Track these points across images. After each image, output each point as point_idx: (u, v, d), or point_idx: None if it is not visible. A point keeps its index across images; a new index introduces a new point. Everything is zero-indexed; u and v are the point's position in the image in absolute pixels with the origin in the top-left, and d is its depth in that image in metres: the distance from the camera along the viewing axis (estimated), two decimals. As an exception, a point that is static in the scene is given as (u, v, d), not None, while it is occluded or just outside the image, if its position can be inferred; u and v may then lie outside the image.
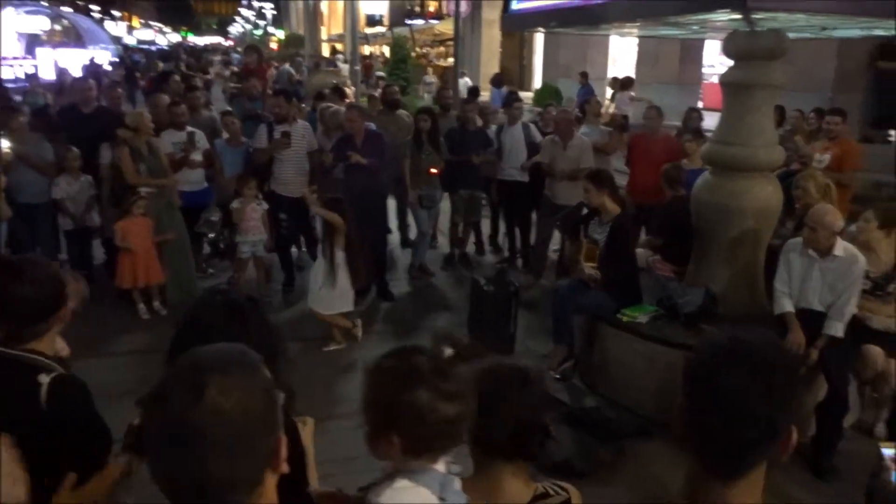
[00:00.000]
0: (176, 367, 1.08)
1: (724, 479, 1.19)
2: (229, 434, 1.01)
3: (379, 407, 1.50)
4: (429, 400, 1.45)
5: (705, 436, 1.20)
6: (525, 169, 7.28)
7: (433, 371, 1.49)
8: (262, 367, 1.12)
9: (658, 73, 14.53)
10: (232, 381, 1.04)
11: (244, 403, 1.03)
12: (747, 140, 4.72)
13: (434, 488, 1.48)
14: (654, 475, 4.01)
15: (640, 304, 4.89)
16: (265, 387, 1.09)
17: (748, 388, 1.16)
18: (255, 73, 8.44)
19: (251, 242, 6.42)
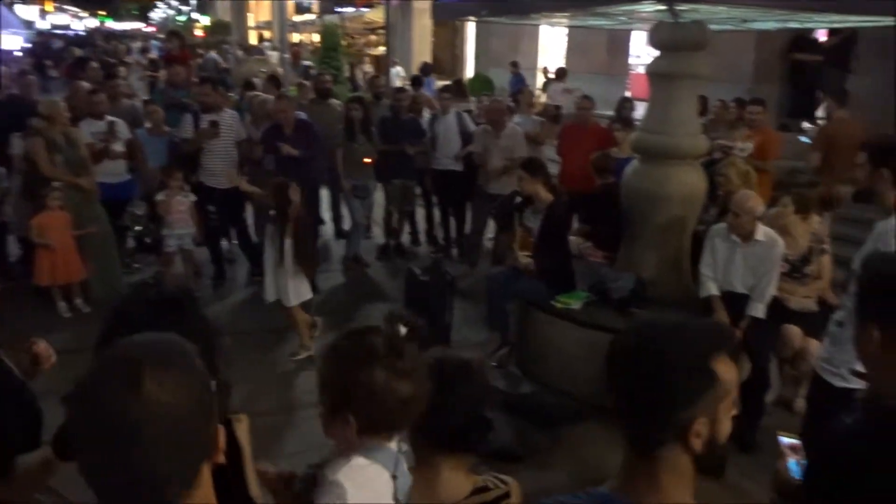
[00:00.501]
0: (106, 359, 1.03)
1: (648, 452, 1.23)
2: (168, 427, 0.98)
3: (335, 387, 1.50)
4: (384, 379, 1.46)
5: (624, 414, 1.26)
6: (458, 158, 7.30)
7: (388, 350, 1.49)
8: (196, 356, 1.08)
9: (587, 63, 14.76)
10: (169, 373, 1.00)
11: (182, 395, 1.00)
12: (672, 129, 4.85)
13: (389, 466, 1.49)
14: (588, 458, 4.10)
15: (573, 291, 4.98)
16: (201, 377, 1.06)
17: (645, 372, 1.22)
18: (178, 60, 8.13)
19: (178, 235, 6.22)
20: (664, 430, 1.21)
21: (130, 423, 0.96)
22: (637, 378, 1.22)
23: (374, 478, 1.48)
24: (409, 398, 1.48)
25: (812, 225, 4.76)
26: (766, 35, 9.76)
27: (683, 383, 1.20)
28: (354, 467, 1.47)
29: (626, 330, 1.30)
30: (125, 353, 1.02)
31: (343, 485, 1.44)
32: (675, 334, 1.24)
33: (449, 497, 1.69)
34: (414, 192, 7.67)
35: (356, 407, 1.47)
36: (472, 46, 21.54)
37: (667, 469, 1.22)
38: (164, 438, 0.98)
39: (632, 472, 1.25)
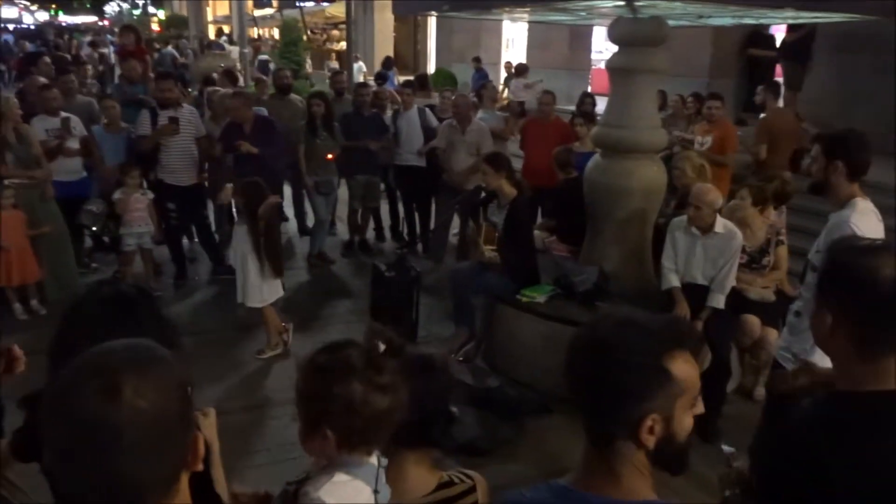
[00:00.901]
0: (81, 366, 1.00)
1: (607, 445, 1.25)
2: (147, 435, 0.96)
3: (313, 402, 1.50)
4: (362, 393, 1.46)
5: (581, 408, 1.28)
6: (422, 154, 7.28)
7: (366, 365, 1.49)
8: (174, 361, 1.06)
9: (548, 58, 14.84)
10: (148, 380, 0.98)
11: (161, 402, 0.98)
12: (632, 123, 4.91)
13: (370, 481, 1.49)
14: (554, 450, 4.14)
15: (538, 285, 5.01)
16: (180, 382, 1.04)
17: (595, 368, 1.25)
18: (134, 55, 7.94)
19: (136, 234, 6.12)
20: (616, 424, 1.22)
21: (108, 432, 0.94)
22: (590, 373, 1.24)
23: (355, 494, 1.47)
24: (387, 412, 1.49)
25: (769, 217, 4.87)
26: (723, 31, 9.96)
27: (634, 379, 1.21)
28: (336, 484, 1.47)
29: (585, 325, 1.32)
30: (102, 362, 1.00)
31: (325, 501, 1.44)
32: (629, 330, 1.25)
33: (414, 492, 1.69)
34: (378, 188, 7.64)
35: (334, 421, 1.47)
36: (434, 42, 21.51)
37: (623, 462, 1.24)
38: (143, 446, 0.96)
39: (591, 464, 1.26)
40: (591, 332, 1.28)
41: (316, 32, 26.22)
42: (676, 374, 1.22)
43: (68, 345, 1.78)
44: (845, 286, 1.50)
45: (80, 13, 60.25)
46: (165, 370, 1.03)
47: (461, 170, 6.81)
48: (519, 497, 1.30)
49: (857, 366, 1.49)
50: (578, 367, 1.27)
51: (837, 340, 1.52)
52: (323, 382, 1.49)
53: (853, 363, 1.50)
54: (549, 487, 1.28)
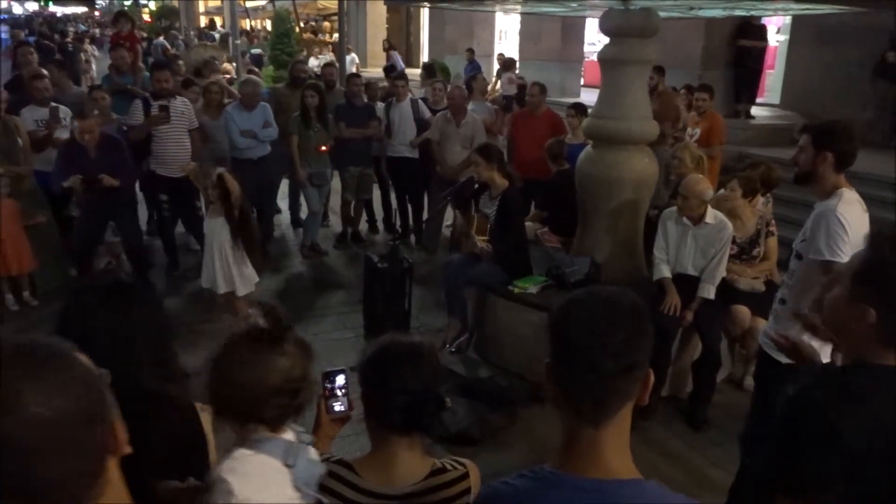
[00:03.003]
0: None
1: (593, 423, 1.24)
2: (53, 438, 0.92)
3: (207, 385, 1.55)
4: (228, 367, 1.51)
5: (569, 380, 1.25)
6: (414, 146, 7.29)
7: (241, 340, 1.52)
8: (76, 355, 1.02)
9: (541, 50, 14.83)
10: (47, 386, 0.93)
11: (64, 405, 0.93)
12: (624, 114, 4.93)
13: (276, 455, 1.49)
14: (543, 438, 4.18)
15: (530, 276, 5.04)
16: (85, 378, 0.99)
17: (596, 320, 1.23)
18: (125, 42, 7.87)
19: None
20: (624, 384, 1.24)
21: (9, 441, 0.89)
22: (585, 326, 1.23)
23: (258, 467, 1.47)
24: (267, 390, 1.49)
25: (756, 205, 4.91)
26: (715, 22, 9.97)
27: (638, 325, 1.25)
28: (235, 459, 1.48)
29: (562, 299, 1.31)
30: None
31: (226, 479, 1.43)
32: (618, 289, 1.29)
33: (406, 478, 1.71)
34: (371, 180, 7.64)
35: (215, 397, 1.54)
36: (427, 33, 21.45)
37: (609, 439, 1.25)
38: (52, 449, 0.92)
39: (573, 448, 1.27)
40: (584, 298, 1.28)
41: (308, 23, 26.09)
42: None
43: (69, 333, 1.81)
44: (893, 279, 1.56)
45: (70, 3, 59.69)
46: (67, 368, 0.99)
47: (455, 162, 6.82)
48: (503, 487, 1.30)
49: (876, 349, 1.58)
50: (577, 326, 1.24)
51: (867, 330, 1.57)
52: (215, 359, 1.55)
53: (871, 345, 1.58)
54: (534, 474, 1.29)
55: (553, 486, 1.25)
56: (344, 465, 1.73)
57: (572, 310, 1.26)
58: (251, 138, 6.64)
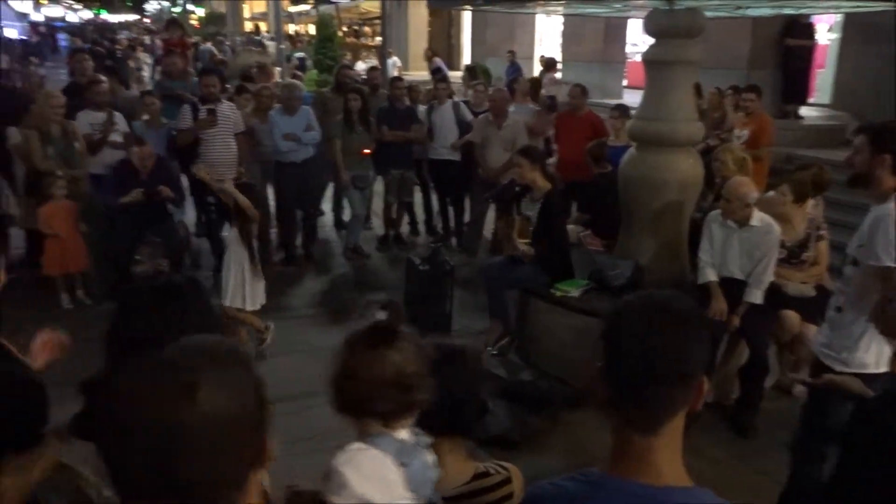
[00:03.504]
0: (159, 361, 1.00)
1: (645, 432, 1.23)
2: (220, 435, 0.96)
3: (329, 379, 1.58)
4: (355, 363, 1.53)
5: (622, 388, 1.23)
6: (456, 148, 7.31)
7: (361, 337, 1.55)
8: (252, 362, 1.07)
9: (582, 51, 14.72)
10: (224, 380, 0.99)
11: (236, 402, 0.98)
12: (668, 115, 4.87)
13: (389, 451, 1.50)
14: (584, 442, 4.14)
15: (572, 279, 5.01)
16: (257, 385, 1.04)
17: (650, 327, 1.21)
18: (177, 49, 8.09)
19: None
20: (679, 391, 1.22)
21: (182, 430, 0.94)
22: (641, 335, 1.21)
23: (372, 461, 1.49)
24: (379, 383, 1.51)
25: (806, 208, 4.79)
26: (762, 21, 9.76)
27: (695, 332, 1.23)
28: (351, 452, 1.50)
29: (616, 304, 1.29)
30: (180, 358, 1.00)
31: (341, 471, 1.46)
32: (673, 294, 1.27)
33: (450, 481, 1.71)
34: (412, 183, 7.67)
35: (338, 391, 1.55)
36: (468, 36, 21.47)
37: (661, 447, 1.23)
38: (216, 445, 0.96)
39: (624, 453, 1.25)
40: (640, 304, 1.26)
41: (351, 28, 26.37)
42: None
43: (122, 330, 1.86)
44: None
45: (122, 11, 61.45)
46: (243, 370, 1.03)
47: (496, 164, 6.82)
48: (552, 488, 1.30)
49: None
50: (632, 334, 1.22)
51: None
52: (336, 355, 1.58)
53: None
54: (584, 476, 1.28)
55: (603, 490, 1.24)
56: None
57: (625, 316, 1.24)
58: (293, 141, 6.74)
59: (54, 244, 5.74)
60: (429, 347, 1.76)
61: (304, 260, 7.22)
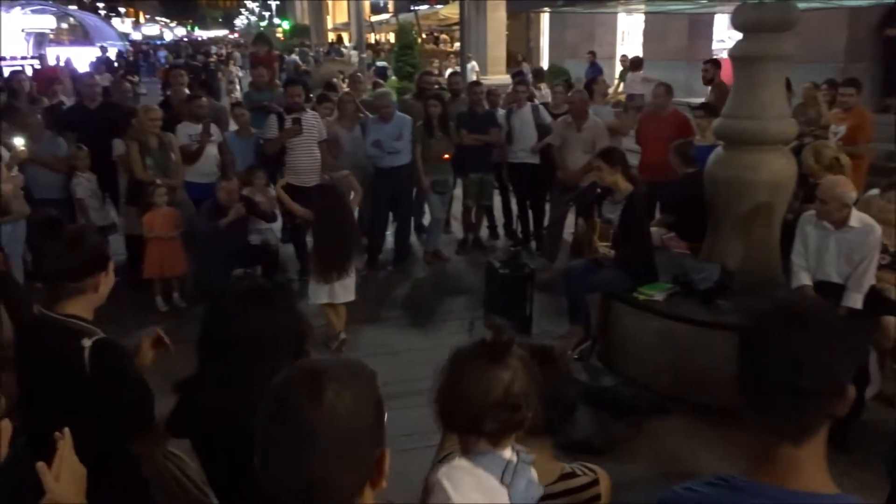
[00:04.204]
0: (295, 369, 1.13)
1: (794, 440, 1.20)
2: (339, 439, 1.05)
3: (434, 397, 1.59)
4: (464, 382, 1.53)
5: (768, 399, 1.20)
6: (535, 151, 7.26)
7: (469, 355, 1.56)
8: (375, 381, 1.16)
9: (665, 49, 14.36)
10: (348, 391, 1.08)
11: (356, 412, 1.07)
12: (758, 113, 4.69)
13: (494, 472, 1.50)
14: (670, 450, 4.05)
15: (656, 282, 4.88)
16: (376, 400, 1.13)
17: (800, 341, 1.17)
18: (263, 62, 8.42)
19: (260, 231, 6.47)
20: (828, 400, 1.19)
21: (307, 428, 1.04)
22: (793, 346, 1.18)
23: (475, 481, 1.51)
24: (487, 402, 1.51)
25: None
26: (860, 11, 9.25)
27: (846, 341, 1.20)
28: (455, 468, 1.52)
29: (760, 311, 1.26)
30: (313, 367, 1.12)
31: (444, 484, 1.50)
32: (819, 302, 1.24)
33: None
34: (491, 186, 7.67)
35: (445, 409, 1.56)
36: (547, 38, 21.33)
37: (809, 456, 1.21)
38: (335, 448, 1.05)
39: (770, 461, 1.22)
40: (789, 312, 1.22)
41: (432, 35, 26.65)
42: None
43: (212, 331, 1.96)
44: None
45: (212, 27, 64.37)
46: (366, 386, 1.13)
47: (576, 167, 6.74)
48: (687, 493, 1.28)
49: None
50: (784, 344, 1.19)
51: None
52: (443, 371, 1.59)
53: None
54: (725, 482, 1.25)
55: (748, 495, 1.22)
56: None
57: (768, 326, 1.21)
58: (378, 148, 6.86)
59: (154, 249, 6.06)
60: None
61: (388, 264, 7.33)
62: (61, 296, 2.12)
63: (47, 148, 6.28)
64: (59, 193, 6.32)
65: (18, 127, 6.11)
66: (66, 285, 2.11)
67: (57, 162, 6.28)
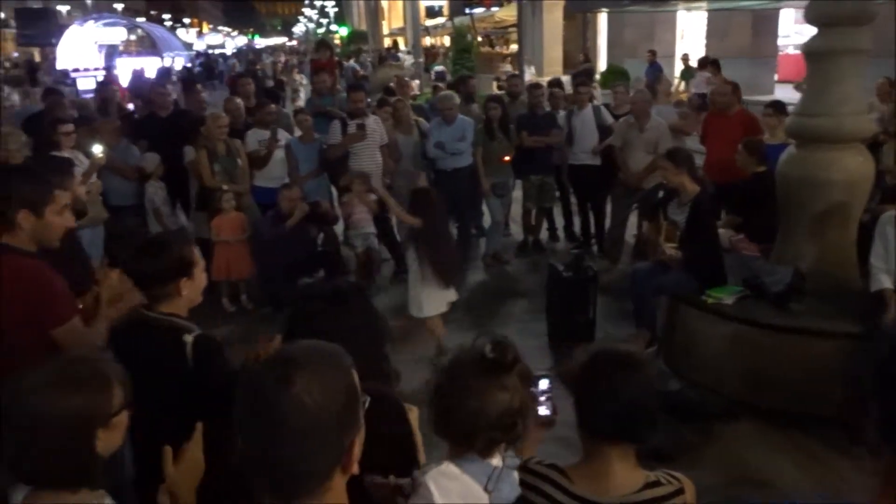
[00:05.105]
0: (270, 357, 1.18)
1: None
2: (308, 425, 1.08)
3: (430, 402, 1.65)
4: (455, 393, 1.58)
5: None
6: (596, 153, 7.18)
7: (464, 370, 1.60)
8: (350, 369, 1.19)
9: (728, 46, 14.00)
10: (317, 376, 1.11)
11: (326, 399, 1.10)
12: (833, 110, 4.54)
13: (480, 479, 1.56)
14: (740, 457, 3.96)
15: (724, 285, 4.77)
16: (348, 389, 1.16)
17: None
18: (325, 68, 8.58)
19: (362, 235, 6.57)
20: None
21: (277, 414, 1.08)
22: None
23: (460, 487, 1.56)
24: (474, 415, 1.56)
25: None
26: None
27: None
28: (443, 473, 1.57)
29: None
30: (285, 354, 1.16)
31: (429, 487, 1.54)
32: None
33: (620, 489, 1.69)
34: (552, 189, 7.62)
35: (439, 419, 1.62)
36: (605, 38, 21.07)
37: None
38: (302, 434, 1.08)
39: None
40: None
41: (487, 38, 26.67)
42: None
43: (294, 330, 2.01)
44: None
45: (271, 35, 65.92)
46: (337, 373, 1.15)
47: (638, 168, 6.65)
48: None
49: None
50: None
51: None
52: (441, 378, 1.64)
53: None
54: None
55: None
56: (556, 469, 1.74)
57: None
58: (441, 150, 6.90)
59: (221, 252, 6.23)
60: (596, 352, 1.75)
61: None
62: (155, 298, 2.24)
63: (122, 155, 6.52)
64: (133, 200, 6.56)
65: (99, 134, 6.37)
66: (152, 289, 2.23)
67: (128, 169, 6.52)
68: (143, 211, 6.59)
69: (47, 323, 2.44)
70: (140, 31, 34.80)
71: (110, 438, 1.58)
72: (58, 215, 2.53)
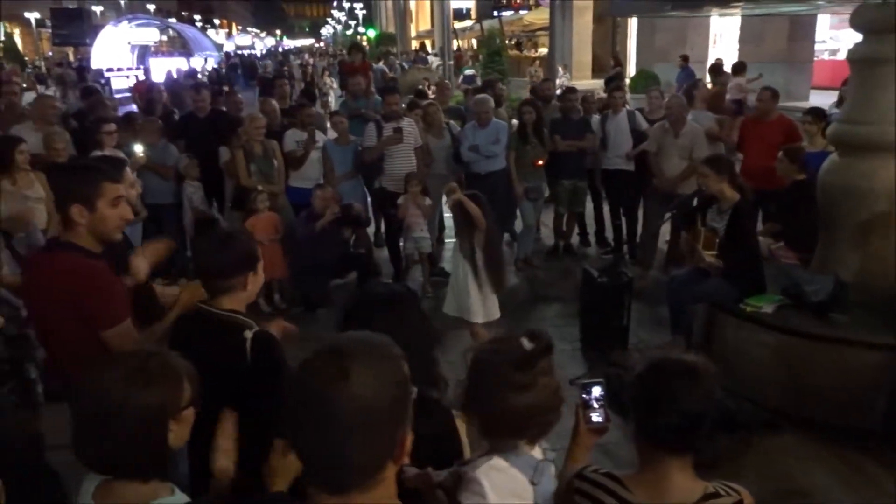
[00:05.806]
0: (322, 348, 1.17)
1: None
2: (361, 418, 1.09)
3: (468, 385, 1.68)
4: (503, 387, 1.60)
5: None
6: (630, 158, 7.15)
7: (510, 361, 1.62)
8: (401, 361, 1.19)
9: (763, 52, 13.84)
10: (370, 369, 1.12)
11: (378, 392, 1.11)
12: (879, 118, 4.48)
13: (527, 472, 1.60)
14: (782, 468, 3.91)
15: (764, 294, 4.72)
16: (400, 380, 1.16)
17: None
18: (359, 71, 8.64)
19: (415, 239, 6.54)
20: None
21: (329, 407, 1.09)
22: None
23: (510, 482, 1.59)
24: (527, 409, 1.59)
25: None
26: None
27: None
28: (494, 468, 1.59)
29: None
30: (337, 346, 1.16)
31: (482, 482, 1.57)
32: None
33: (679, 499, 1.68)
34: (584, 193, 7.58)
35: (479, 407, 1.64)
36: (635, 42, 20.95)
37: None
38: (355, 426, 1.09)
39: None
40: None
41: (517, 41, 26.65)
42: None
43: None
44: None
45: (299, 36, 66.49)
46: (390, 365, 1.16)
47: (673, 174, 6.60)
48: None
49: None
50: None
51: None
52: (476, 369, 1.66)
53: None
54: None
55: None
56: (613, 478, 1.73)
57: None
58: (475, 153, 6.91)
59: (257, 251, 6.28)
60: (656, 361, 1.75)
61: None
62: (216, 292, 2.27)
63: (160, 155, 6.62)
64: (170, 199, 6.66)
65: (141, 134, 6.49)
66: (217, 282, 2.24)
67: (165, 168, 6.61)
68: (181, 210, 6.70)
69: (98, 323, 2.45)
70: (171, 32, 35.33)
71: (181, 431, 1.63)
72: (112, 207, 2.48)
